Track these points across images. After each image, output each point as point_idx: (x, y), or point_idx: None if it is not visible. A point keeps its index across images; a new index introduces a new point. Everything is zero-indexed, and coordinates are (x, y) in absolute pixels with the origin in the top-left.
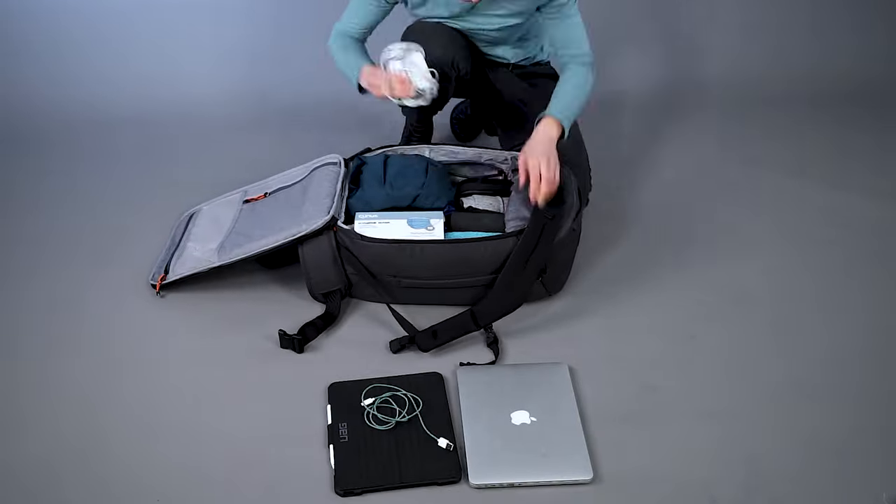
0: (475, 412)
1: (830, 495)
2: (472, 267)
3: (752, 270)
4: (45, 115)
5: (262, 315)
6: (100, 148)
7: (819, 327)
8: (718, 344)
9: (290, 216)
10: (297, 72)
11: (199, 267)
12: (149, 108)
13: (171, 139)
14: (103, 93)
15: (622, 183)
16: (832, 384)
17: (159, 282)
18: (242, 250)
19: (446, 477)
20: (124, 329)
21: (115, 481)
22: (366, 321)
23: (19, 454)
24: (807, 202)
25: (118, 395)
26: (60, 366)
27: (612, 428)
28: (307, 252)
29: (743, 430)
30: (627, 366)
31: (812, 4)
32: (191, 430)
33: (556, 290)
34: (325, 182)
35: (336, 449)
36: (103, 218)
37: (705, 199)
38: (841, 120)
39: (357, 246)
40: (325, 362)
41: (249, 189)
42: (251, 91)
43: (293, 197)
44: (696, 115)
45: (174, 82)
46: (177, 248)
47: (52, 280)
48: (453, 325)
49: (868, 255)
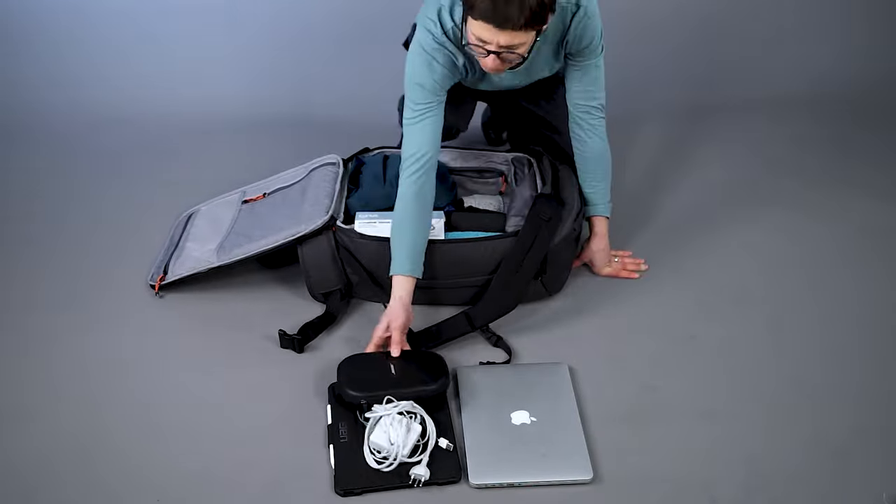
0: (475, 412)
1: (830, 495)
2: (473, 267)
3: (752, 270)
4: (44, 115)
5: (262, 315)
6: (99, 148)
7: (819, 327)
8: (718, 344)
9: (290, 216)
10: (296, 72)
11: (198, 267)
12: (147, 109)
13: (170, 139)
14: (101, 94)
15: (622, 183)
16: (832, 384)
17: (158, 282)
18: (242, 250)
19: (446, 477)
20: (124, 328)
21: (115, 481)
22: (366, 321)
23: (20, 454)
24: (807, 202)
25: (118, 394)
26: (60, 365)
27: (612, 428)
28: (307, 252)
29: (743, 430)
30: (627, 366)
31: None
32: (191, 430)
33: (556, 290)
34: (323, 182)
35: (336, 449)
36: (103, 218)
37: (705, 199)
38: (841, 119)
39: (356, 245)
40: (325, 362)
41: (248, 189)
42: (249, 92)
43: (292, 197)
44: (695, 116)
45: (172, 83)
46: (175, 248)
47: (51, 280)
48: (449, 327)
49: (869, 255)
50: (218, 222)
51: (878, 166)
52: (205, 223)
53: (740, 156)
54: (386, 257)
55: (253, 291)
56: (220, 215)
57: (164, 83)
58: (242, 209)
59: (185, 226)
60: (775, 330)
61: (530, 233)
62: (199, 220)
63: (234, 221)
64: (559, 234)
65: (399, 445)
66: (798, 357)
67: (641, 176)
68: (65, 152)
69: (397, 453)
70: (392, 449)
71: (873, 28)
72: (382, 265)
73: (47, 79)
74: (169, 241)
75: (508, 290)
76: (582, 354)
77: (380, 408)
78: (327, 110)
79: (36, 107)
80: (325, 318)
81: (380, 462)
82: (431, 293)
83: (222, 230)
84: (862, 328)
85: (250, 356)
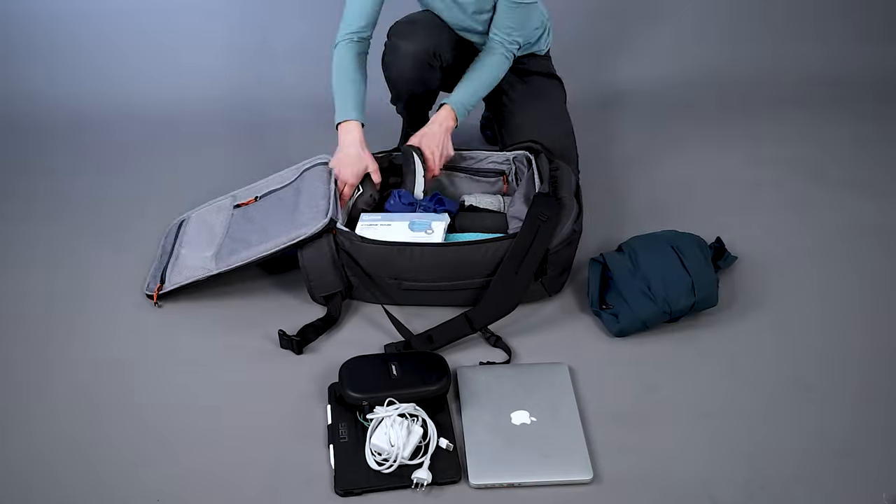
0: (475, 412)
1: (830, 495)
2: (472, 269)
3: (753, 271)
4: (45, 115)
5: (263, 317)
6: (100, 148)
7: (819, 327)
8: (718, 344)
9: (287, 220)
10: (288, 71)
11: (196, 275)
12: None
13: (159, 141)
14: (101, 94)
15: (622, 183)
16: (832, 384)
17: (156, 292)
18: (240, 257)
19: (446, 477)
20: (124, 330)
21: (115, 481)
22: (366, 322)
23: (20, 455)
24: (807, 200)
25: (118, 394)
26: (61, 366)
27: (612, 428)
28: (307, 256)
29: (743, 430)
30: (627, 366)
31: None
32: (190, 430)
33: (556, 291)
34: (317, 182)
35: (336, 449)
36: (101, 220)
37: (705, 199)
38: (841, 118)
39: (356, 248)
40: (325, 363)
41: (238, 194)
42: (239, 93)
43: (286, 200)
44: (696, 114)
45: (156, 86)
46: (170, 256)
47: (50, 282)
48: (449, 329)
49: (869, 254)
50: (211, 228)
51: (881, 164)
52: (197, 229)
53: (740, 155)
54: (386, 260)
55: (253, 294)
56: (212, 221)
57: (150, 86)
58: (235, 214)
59: (176, 233)
60: (775, 330)
61: (529, 233)
62: (190, 227)
63: (227, 227)
64: (559, 235)
65: (399, 447)
66: (798, 357)
67: (638, 174)
68: (66, 153)
69: (397, 455)
70: (392, 451)
71: (874, 27)
72: (383, 267)
73: (42, 81)
74: (161, 250)
75: (508, 292)
76: (582, 354)
77: (381, 409)
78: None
79: (33, 107)
80: (326, 320)
81: (380, 464)
82: (432, 295)
83: (217, 236)
84: (862, 328)
85: (250, 356)
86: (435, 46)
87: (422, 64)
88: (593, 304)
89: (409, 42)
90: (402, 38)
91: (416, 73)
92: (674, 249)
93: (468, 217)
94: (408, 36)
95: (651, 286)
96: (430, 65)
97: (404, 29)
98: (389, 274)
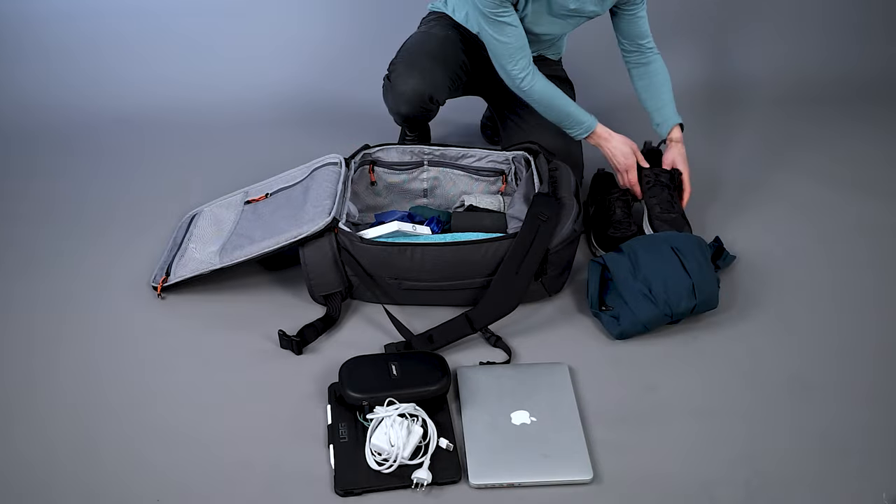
0: (475, 412)
1: (831, 495)
2: (472, 269)
3: (753, 271)
4: (43, 116)
5: (263, 316)
6: (102, 149)
7: (819, 327)
8: (718, 344)
9: (292, 218)
10: (297, 71)
11: (200, 269)
12: (148, 110)
13: (172, 140)
14: (101, 94)
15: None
16: (833, 384)
17: (160, 284)
18: (244, 252)
19: (446, 477)
20: (125, 329)
21: (115, 481)
22: (366, 322)
23: (20, 454)
24: (808, 200)
25: (118, 394)
26: (61, 365)
27: (612, 428)
28: (308, 254)
29: (743, 429)
30: (627, 366)
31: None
32: (191, 430)
33: (556, 291)
34: (325, 182)
35: (336, 449)
36: (104, 219)
37: (705, 199)
38: (841, 117)
39: (357, 248)
40: (325, 363)
41: (250, 190)
42: (250, 91)
43: (294, 198)
44: (698, 115)
45: (174, 85)
46: (178, 249)
47: (52, 280)
48: (449, 329)
49: (870, 254)
50: (220, 223)
51: (881, 164)
52: (207, 224)
53: (741, 155)
54: (387, 260)
55: (253, 292)
56: (223, 216)
57: (165, 84)
58: (245, 210)
59: (188, 227)
60: (775, 330)
61: (529, 233)
62: (201, 221)
63: (236, 223)
64: (559, 235)
65: (399, 447)
66: (798, 356)
67: None
68: (67, 153)
69: (397, 455)
70: (392, 451)
71: (872, 27)
72: (383, 267)
73: (47, 80)
74: (172, 243)
75: (508, 292)
76: (582, 354)
77: (381, 409)
78: (329, 108)
79: (36, 107)
80: (326, 320)
81: (380, 464)
82: (433, 295)
83: (224, 231)
84: (863, 327)
85: (251, 356)
86: (431, 89)
87: (416, 106)
88: (593, 305)
89: (406, 84)
90: (399, 77)
91: (413, 111)
92: (674, 250)
93: (467, 217)
94: (405, 76)
95: (652, 288)
96: (425, 107)
97: (401, 69)
98: (390, 274)
